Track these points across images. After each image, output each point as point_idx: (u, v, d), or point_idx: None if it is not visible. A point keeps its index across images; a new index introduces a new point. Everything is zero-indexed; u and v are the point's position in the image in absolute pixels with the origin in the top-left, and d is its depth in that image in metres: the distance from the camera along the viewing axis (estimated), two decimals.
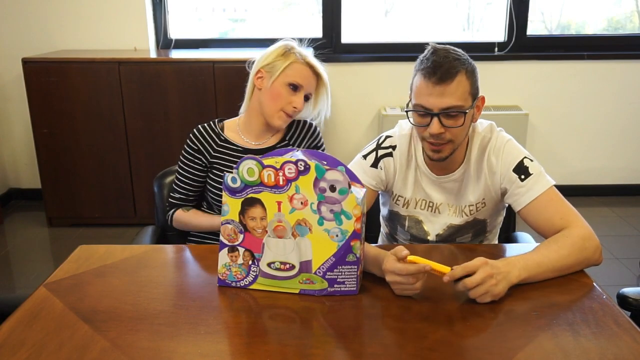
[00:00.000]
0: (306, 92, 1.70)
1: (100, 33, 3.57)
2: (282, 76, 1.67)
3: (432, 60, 1.35)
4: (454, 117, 1.37)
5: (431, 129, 1.38)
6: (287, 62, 1.67)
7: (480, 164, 1.51)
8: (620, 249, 3.09)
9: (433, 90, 1.35)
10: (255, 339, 1.10)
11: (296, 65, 1.67)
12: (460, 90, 1.36)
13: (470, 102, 1.39)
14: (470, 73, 1.38)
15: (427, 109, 1.38)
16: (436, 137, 1.39)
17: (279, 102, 1.68)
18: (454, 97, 1.35)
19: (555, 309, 1.18)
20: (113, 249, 1.49)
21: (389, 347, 1.07)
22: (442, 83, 1.34)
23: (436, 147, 1.42)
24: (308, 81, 1.69)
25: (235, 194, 1.23)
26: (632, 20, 4.00)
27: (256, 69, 1.72)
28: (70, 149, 3.31)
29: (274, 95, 1.68)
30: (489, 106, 3.65)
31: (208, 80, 3.17)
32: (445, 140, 1.40)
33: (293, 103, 1.68)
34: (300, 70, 1.68)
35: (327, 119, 1.81)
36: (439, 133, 1.38)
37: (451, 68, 1.34)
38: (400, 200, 1.59)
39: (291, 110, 1.69)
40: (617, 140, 3.84)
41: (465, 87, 1.37)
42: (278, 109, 1.69)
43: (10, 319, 1.16)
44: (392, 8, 4.03)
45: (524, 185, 1.43)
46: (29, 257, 3.14)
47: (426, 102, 1.37)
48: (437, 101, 1.35)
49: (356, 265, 1.23)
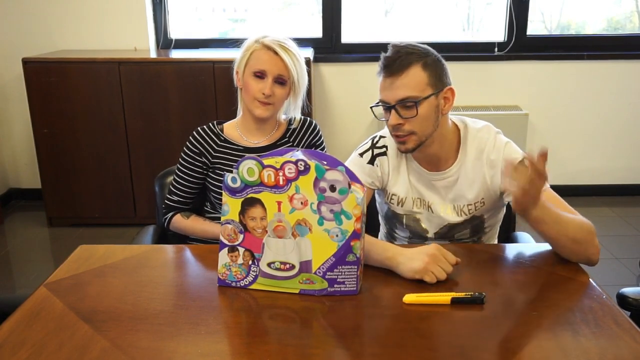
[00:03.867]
0: (273, 75, 1.67)
1: (100, 33, 3.57)
2: (247, 68, 1.68)
3: (385, 57, 1.44)
4: (410, 107, 1.42)
5: (390, 121, 1.45)
6: (248, 53, 1.68)
7: (478, 162, 1.51)
8: (620, 249, 3.09)
9: (386, 83, 1.43)
10: (255, 339, 1.10)
11: (256, 53, 1.67)
12: (415, 81, 1.41)
13: (427, 92, 1.42)
14: (428, 65, 1.43)
15: (385, 102, 1.44)
16: (396, 129, 1.45)
17: (251, 93, 1.69)
18: (406, 88, 1.41)
19: (555, 309, 1.18)
20: (113, 249, 1.49)
21: (389, 347, 1.07)
22: (394, 75, 1.41)
23: (399, 139, 1.47)
24: (270, 65, 1.67)
25: (235, 194, 1.23)
26: (632, 20, 4.00)
27: (235, 71, 1.75)
28: (70, 149, 3.31)
29: (246, 89, 1.70)
30: (489, 106, 3.65)
31: (208, 80, 3.17)
32: (406, 132, 1.44)
33: (261, 89, 1.67)
34: (259, 56, 1.67)
35: (327, 119, 1.81)
36: (397, 124, 1.43)
37: (402, 61, 1.40)
38: (394, 199, 1.60)
39: (262, 97, 1.68)
40: (617, 140, 3.84)
41: (420, 78, 1.41)
42: (252, 100, 1.69)
43: (10, 319, 1.16)
44: (392, 8, 4.03)
45: None
46: (29, 257, 3.14)
47: (383, 96, 1.45)
48: (392, 93, 1.42)
49: (356, 265, 1.23)
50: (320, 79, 3.68)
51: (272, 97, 1.68)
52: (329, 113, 3.73)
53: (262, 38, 1.69)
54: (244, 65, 1.69)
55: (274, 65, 1.67)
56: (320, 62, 3.66)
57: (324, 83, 3.71)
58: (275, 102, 1.71)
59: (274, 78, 1.67)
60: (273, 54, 1.67)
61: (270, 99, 1.68)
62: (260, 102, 1.69)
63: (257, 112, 1.71)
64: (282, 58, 1.66)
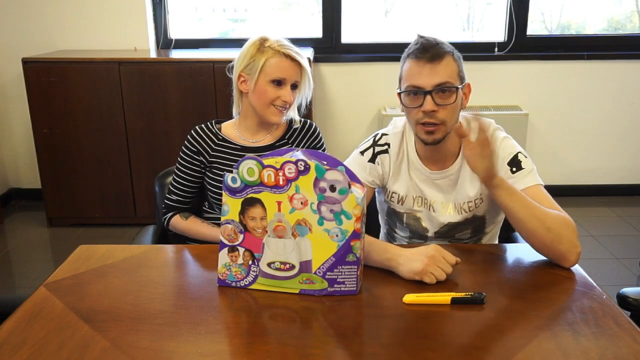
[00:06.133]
0: (291, 82, 1.68)
1: (100, 33, 3.57)
2: (262, 75, 1.65)
3: (421, 43, 1.44)
4: (447, 94, 1.42)
5: (425, 107, 1.42)
6: (263, 59, 1.64)
7: None
8: (620, 249, 3.09)
9: (424, 68, 1.41)
10: (255, 339, 1.10)
11: (273, 60, 1.64)
12: (450, 69, 1.43)
13: (459, 83, 1.44)
14: (457, 59, 1.46)
15: (419, 87, 1.42)
16: (430, 116, 1.43)
17: (267, 100, 1.67)
18: (445, 74, 1.41)
19: (555, 309, 1.18)
20: (113, 249, 1.49)
21: (389, 347, 1.07)
22: (433, 61, 1.41)
23: (429, 127, 1.44)
24: (289, 72, 1.66)
25: (235, 194, 1.23)
26: (632, 20, 4.00)
27: (237, 74, 1.70)
28: (70, 149, 3.31)
29: (260, 95, 1.66)
30: (489, 106, 3.65)
31: (208, 80, 3.17)
32: (439, 121, 1.43)
33: (282, 97, 1.66)
34: (278, 64, 1.64)
35: (327, 119, 1.81)
36: (432, 111, 1.42)
37: (440, 49, 1.42)
38: (394, 197, 1.60)
39: (281, 104, 1.68)
40: (617, 140, 3.84)
41: (453, 68, 1.44)
42: (268, 105, 1.68)
43: (11, 319, 1.16)
44: (392, 8, 4.03)
45: (513, 177, 1.45)
46: (29, 257, 3.14)
47: (417, 81, 1.42)
48: (429, 79, 1.41)
49: (356, 265, 1.23)
50: (320, 79, 3.68)
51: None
52: (329, 113, 3.73)
53: (275, 43, 1.65)
54: (258, 70, 1.64)
55: (294, 72, 1.67)
56: (320, 62, 3.66)
57: (324, 83, 3.71)
58: (289, 107, 1.71)
59: (291, 84, 1.68)
60: (291, 61, 1.66)
61: (286, 104, 1.69)
62: (278, 108, 1.68)
63: (273, 119, 1.70)
64: (301, 64, 1.68)
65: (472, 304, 1.19)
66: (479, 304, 1.19)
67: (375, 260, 1.33)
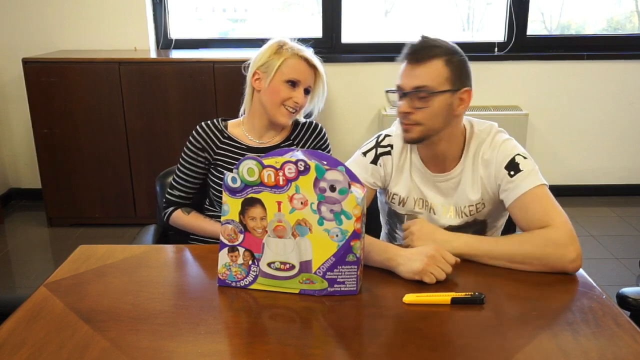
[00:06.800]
0: (305, 86, 1.69)
1: (100, 33, 3.57)
2: (278, 74, 1.66)
3: (411, 44, 1.44)
4: (424, 98, 1.42)
5: (400, 107, 1.45)
6: (281, 59, 1.66)
7: (475, 160, 1.51)
8: (620, 249, 3.09)
9: (407, 70, 1.43)
10: (255, 339, 1.10)
11: (291, 61, 1.67)
12: (435, 73, 1.41)
13: (444, 87, 1.42)
14: (452, 62, 1.43)
15: (400, 87, 1.45)
16: (403, 117, 1.45)
17: (280, 99, 1.68)
18: (425, 78, 1.41)
19: (555, 309, 1.18)
20: (113, 249, 1.49)
21: (389, 347, 1.07)
22: (416, 63, 1.41)
23: (405, 126, 1.47)
24: (305, 75, 1.68)
25: (235, 194, 1.23)
26: (631, 20, 4.00)
27: (252, 71, 1.71)
28: (70, 149, 3.31)
29: (273, 94, 1.68)
30: (489, 106, 3.65)
31: (208, 80, 3.17)
32: (412, 122, 1.44)
33: (294, 98, 1.68)
34: (295, 65, 1.67)
35: (327, 119, 1.81)
36: (406, 112, 1.43)
37: (427, 51, 1.41)
38: (395, 198, 1.60)
39: (293, 105, 1.69)
40: (617, 140, 3.84)
41: (440, 71, 1.41)
42: (278, 105, 1.68)
43: (10, 319, 1.16)
44: (392, 8, 4.03)
45: (513, 181, 1.44)
46: (29, 257, 3.14)
47: (400, 82, 1.45)
48: (409, 80, 1.43)
49: (356, 265, 1.23)
50: None
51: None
52: (329, 113, 3.73)
53: (294, 47, 1.69)
54: (275, 69, 1.66)
55: (309, 76, 1.69)
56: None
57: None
58: (299, 110, 1.72)
59: (305, 88, 1.69)
60: (308, 65, 1.68)
61: (297, 107, 1.70)
62: (289, 109, 1.69)
63: (282, 120, 1.70)
64: (317, 70, 1.70)
65: (472, 304, 1.19)
66: (479, 304, 1.19)
67: (375, 260, 1.33)
